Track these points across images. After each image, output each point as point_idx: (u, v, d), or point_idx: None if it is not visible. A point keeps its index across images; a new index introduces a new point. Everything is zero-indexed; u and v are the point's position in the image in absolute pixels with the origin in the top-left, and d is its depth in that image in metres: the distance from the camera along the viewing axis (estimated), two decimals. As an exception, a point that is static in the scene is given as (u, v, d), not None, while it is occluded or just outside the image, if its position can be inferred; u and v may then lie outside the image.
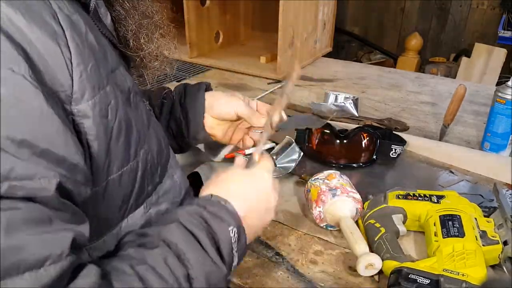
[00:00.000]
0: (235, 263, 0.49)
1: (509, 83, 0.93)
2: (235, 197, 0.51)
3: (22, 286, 0.33)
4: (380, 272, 0.64)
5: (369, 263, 0.63)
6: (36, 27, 0.37)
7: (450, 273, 0.58)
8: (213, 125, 0.79)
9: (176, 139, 0.80)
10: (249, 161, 0.60)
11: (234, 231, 0.48)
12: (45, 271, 0.34)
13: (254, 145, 0.84)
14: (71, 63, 0.39)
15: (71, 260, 0.36)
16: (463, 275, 0.58)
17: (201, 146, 0.93)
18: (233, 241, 0.47)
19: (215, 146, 0.91)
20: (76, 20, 0.42)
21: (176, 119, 0.78)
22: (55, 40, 0.38)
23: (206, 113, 0.77)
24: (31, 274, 0.33)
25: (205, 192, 0.52)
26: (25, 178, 0.34)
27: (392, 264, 0.62)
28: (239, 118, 0.78)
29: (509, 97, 0.93)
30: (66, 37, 0.39)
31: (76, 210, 0.40)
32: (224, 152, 0.91)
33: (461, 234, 0.63)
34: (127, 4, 0.53)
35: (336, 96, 1.25)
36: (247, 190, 0.54)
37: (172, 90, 0.81)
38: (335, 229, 0.75)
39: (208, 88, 0.80)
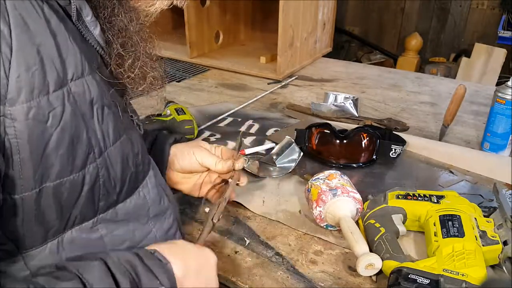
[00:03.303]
0: None
1: (509, 83, 0.94)
2: (177, 259, 0.49)
3: None
4: (380, 272, 0.64)
5: (369, 263, 0.63)
6: None
7: (450, 273, 0.58)
8: (177, 180, 0.74)
9: None
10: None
11: None
12: None
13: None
14: (10, 63, 0.39)
15: None
16: (463, 275, 0.58)
17: None
18: None
19: None
20: (34, 22, 0.41)
21: None
22: None
23: (169, 168, 0.73)
24: None
25: (152, 247, 0.50)
26: None
27: (392, 264, 0.62)
28: (207, 169, 0.74)
29: (509, 97, 0.93)
30: (11, 37, 0.39)
31: None
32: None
33: (461, 234, 0.63)
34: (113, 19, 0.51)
35: (336, 96, 1.25)
36: (192, 259, 0.52)
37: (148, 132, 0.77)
38: (335, 229, 0.75)
39: (178, 140, 0.76)
